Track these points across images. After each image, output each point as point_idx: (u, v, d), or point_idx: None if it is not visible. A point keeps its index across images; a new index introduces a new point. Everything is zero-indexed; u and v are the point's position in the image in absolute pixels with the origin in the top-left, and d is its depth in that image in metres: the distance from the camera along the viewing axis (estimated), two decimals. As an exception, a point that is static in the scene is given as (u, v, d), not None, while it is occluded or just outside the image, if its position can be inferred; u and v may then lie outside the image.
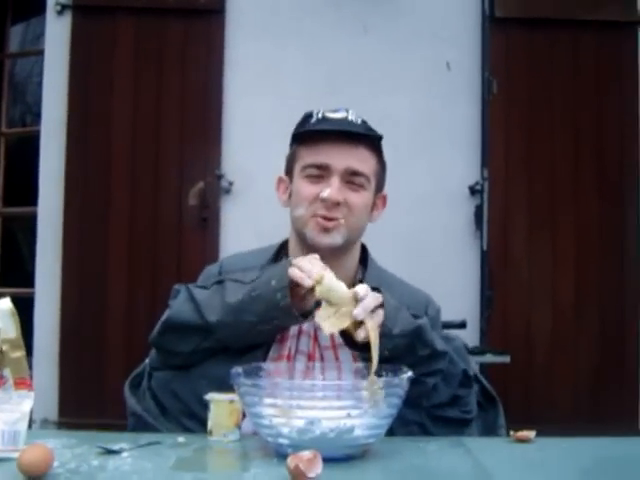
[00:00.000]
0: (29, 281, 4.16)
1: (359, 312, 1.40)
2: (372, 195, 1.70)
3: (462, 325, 3.55)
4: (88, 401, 3.98)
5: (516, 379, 3.97)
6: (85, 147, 4.09)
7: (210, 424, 1.45)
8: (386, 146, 1.74)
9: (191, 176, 4.06)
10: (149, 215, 4.07)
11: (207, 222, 4.04)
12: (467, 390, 1.65)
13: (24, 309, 1.38)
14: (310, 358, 1.63)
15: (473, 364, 1.82)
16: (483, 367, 3.65)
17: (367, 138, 1.67)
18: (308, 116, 1.71)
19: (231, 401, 1.42)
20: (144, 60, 4.12)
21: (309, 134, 1.66)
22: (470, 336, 3.96)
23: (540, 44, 4.22)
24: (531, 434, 1.45)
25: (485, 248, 4.14)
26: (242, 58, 4.14)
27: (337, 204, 1.62)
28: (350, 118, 1.67)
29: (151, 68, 4.12)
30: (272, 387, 1.31)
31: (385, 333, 1.45)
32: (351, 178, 1.65)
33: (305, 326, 1.64)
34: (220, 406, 1.44)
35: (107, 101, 4.10)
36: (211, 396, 1.45)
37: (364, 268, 1.75)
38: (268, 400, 1.27)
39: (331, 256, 1.61)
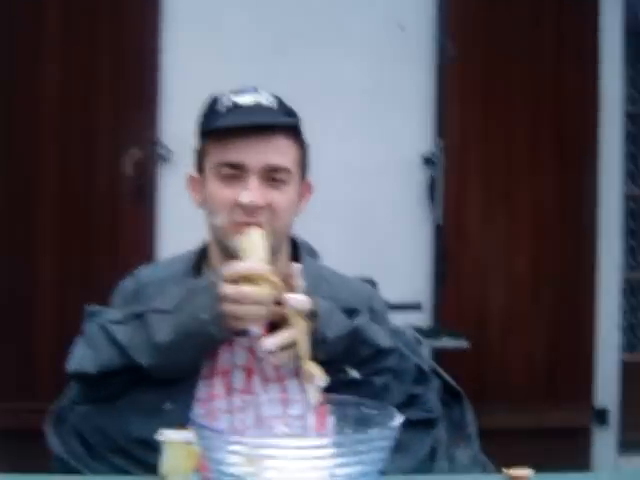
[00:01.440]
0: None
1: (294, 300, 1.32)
2: (297, 187, 1.53)
3: (416, 306, 3.41)
4: (16, 383, 3.71)
5: (470, 358, 3.77)
6: (9, 113, 3.76)
7: (164, 468, 1.22)
8: (334, 111, 1.54)
9: (126, 143, 3.76)
10: (80, 186, 3.77)
11: (144, 193, 3.77)
12: (424, 386, 1.54)
13: None
14: (248, 372, 1.46)
15: (428, 357, 1.67)
16: (438, 352, 3.49)
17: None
18: (214, 102, 1.52)
19: (188, 442, 1.20)
20: (74, 19, 3.78)
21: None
22: (422, 315, 3.82)
23: (500, 9, 4.01)
24: (527, 472, 1.28)
25: (439, 222, 3.96)
26: (181, 16, 3.83)
27: (259, 208, 1.44)
28: (262, 101, 1.49)
29: (82, 27, 3.79)
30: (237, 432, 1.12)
31: (318, 340, 1.35)
32: (271, 175, 1.47)
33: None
34: (175, 448, 1.21)
35: (34, 63, 3.76)
36: (164, 435, 1.23)
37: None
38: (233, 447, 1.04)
39: None
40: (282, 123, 1.49)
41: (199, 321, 1.33)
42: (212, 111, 1.51)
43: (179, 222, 3.70)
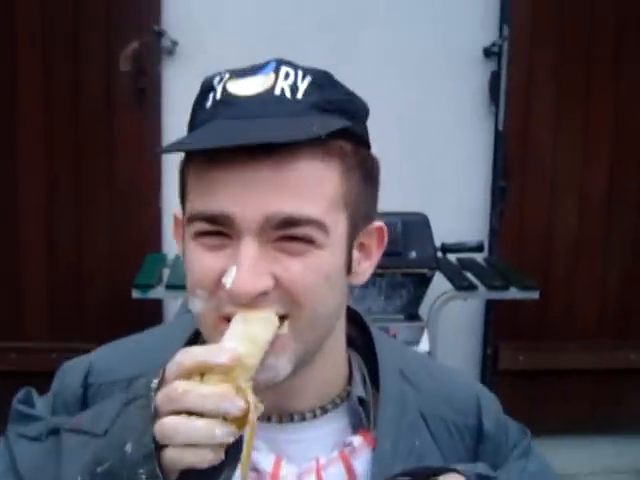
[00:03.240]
0: None
1: None
2: (344, 245, 0.87)
3: (479, 248, 2.84)
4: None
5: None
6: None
7: None
8: None
9: (123, 34, 3.16)
10: (69, 87, 3.20)
11: (144, 93, 3.21)
12: None
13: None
14: None
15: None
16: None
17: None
18: (207, 89, 0.87)
19: None
20: None
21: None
22: (479, 235, 3.28)
23: None
24: None
25: (500, 127, 3.37)
26: None
27: (256, 295, 0.81)
28: (277, 89, 0.83)
29: None
30: None
31: None
32: (285, 233, 0.82)
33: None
34: None
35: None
36: None
37: (365, 359, 0.99)
38: None
39: (279, 387, 0.86)
40: (299, 138, 0.80)
41: (124, 458, 0.75)
42: (200, 105, 0.87)
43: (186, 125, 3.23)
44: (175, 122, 3.19)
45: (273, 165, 0.80)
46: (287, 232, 0.81)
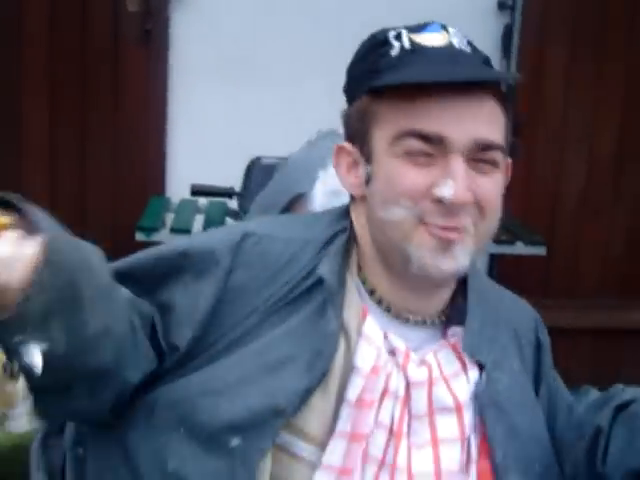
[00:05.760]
0: None
1: None
2: (505, 169, 1.10)
3: None
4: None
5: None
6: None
7: None
8: None
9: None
10: (74, 27, 3.17)
11: (152, 35, 3.18)
12: None
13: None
14: (393, 434, 1.05)
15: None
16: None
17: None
18: (380, 43, 1.06)
19: None
20: None
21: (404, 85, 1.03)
22: None
23: None
24: None
25: (513, 83, 3.26)
26: None
27: (465, 205, 1.01)
28: (455, 43, 1.05)
29: None
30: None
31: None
32: (480, 155, 1.02)
33: (392, 382, 1.06)
34: None
35: None
36: None
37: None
38: None
39: (441, 285, 1.11)
40: (498, 78, 1.10)
41: None
42: (380, 55, 1.05)
43: (193, 70, 3.28)
44: (181, 64, 3.25)
45: (477, 101, 1.01)
46: (484, 155, 1.02)
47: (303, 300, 1.05)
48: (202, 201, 2.88)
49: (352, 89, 1.09)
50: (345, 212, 1.13)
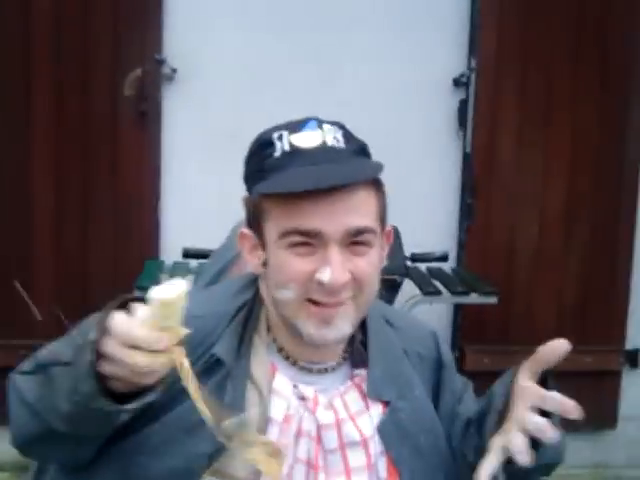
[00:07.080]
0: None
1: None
2: (380, 244, 1.24)
3: (444, 258, 3.13)
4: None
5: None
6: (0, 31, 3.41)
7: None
8: (356, 27, 1.17)
9: (127, 62, 3.42)
10: (78, 110, 3.45)
11: (146, 116, 3.45)
12: None
13: None
14: (312, 467, 1.22)
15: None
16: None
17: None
18: (266, 144, 1.21)
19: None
20: None
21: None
22: (448, 247, 3.57)
23: None
24: None
25: (468, 150, 3.64)
26: None
27: (343, 285, 1.16)
28: (328, 141, 1.19)
29: None
30: None
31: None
32: (354, 239, 1.17)
33: (305, 425, 1.23)
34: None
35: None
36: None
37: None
38: None
39: (322, 349, 1.26)
40: (366, 177, 1.19)
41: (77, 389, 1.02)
42: (265, 156, 1.20)
43: (184, 147, 3.52)
44: (173, 142, 3.52)
45: (345, 195, 1.14)
46: (356, 239, 1.16)
47: (208, 373, 1.18)
48: (193, 263, 3.13)
49: (247, 182, 1.25)
50: (253, 280, 1.29)
